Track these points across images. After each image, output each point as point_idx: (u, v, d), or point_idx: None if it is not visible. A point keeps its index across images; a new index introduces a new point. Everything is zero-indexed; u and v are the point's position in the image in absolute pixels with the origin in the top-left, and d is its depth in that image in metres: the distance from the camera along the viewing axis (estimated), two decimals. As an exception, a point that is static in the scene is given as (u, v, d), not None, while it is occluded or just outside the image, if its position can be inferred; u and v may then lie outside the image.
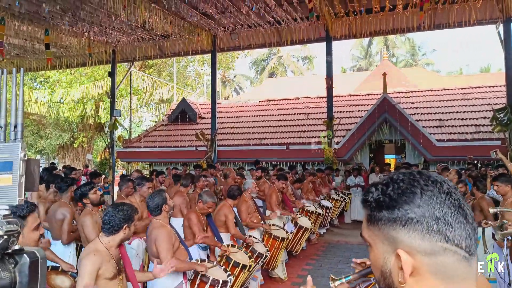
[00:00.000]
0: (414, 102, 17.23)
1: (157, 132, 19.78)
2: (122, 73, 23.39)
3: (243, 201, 7.10)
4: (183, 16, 13.82)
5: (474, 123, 14.81)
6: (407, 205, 0.91)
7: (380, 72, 17.81)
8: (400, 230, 0.91)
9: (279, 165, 14.61)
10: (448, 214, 0.89)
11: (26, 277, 1.04)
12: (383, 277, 0.97)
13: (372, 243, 0.99)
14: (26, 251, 1.07)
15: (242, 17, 14.08)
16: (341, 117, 16.18)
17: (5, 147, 1.11)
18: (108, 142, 18.38)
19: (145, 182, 6.44)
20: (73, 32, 15.20)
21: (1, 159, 1.10)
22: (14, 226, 1.05)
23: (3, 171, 1.09)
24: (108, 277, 3.36)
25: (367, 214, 1.00)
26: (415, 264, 0.90)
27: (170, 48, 17.52)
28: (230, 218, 6.18)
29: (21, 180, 1.09)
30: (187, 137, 18.35)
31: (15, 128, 1.14)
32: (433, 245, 0.88)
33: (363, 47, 44.87)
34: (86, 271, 3.23)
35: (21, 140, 1.13)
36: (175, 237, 4.50)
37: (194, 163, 15.51)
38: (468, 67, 54.67)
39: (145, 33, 16.03)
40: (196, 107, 20.59)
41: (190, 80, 36.08)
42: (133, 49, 18.05)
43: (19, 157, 1.09)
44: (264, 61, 46.12)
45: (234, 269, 5.20)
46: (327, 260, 8.97)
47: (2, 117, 1.14)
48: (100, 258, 3.32)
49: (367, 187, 1.11)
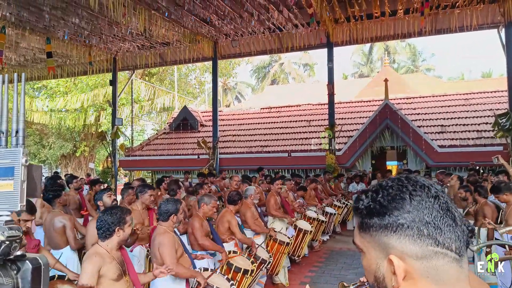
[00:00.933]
0: (416, 108, 17.19)
1: (159, 141, 19.78)
2: (123, 81, 23.46)
3: (247, 207, 7.14)
4: (183, 24, 13.85)
5: (476, 128, 14.76)
6: (397, 211, 0.93)
7: (381, 78, 17.81)
8: (392, 236, 0.93)
9: (281, 173, 14.60)
10: (438, 218, 0.91)
11: (28, 284, 1.03)
12: (377, 282, 0.98)
13: (364, 249, 1.01)
14: (28, 257, 1.05)
15: (242, 24, 14.10)
16: (342, 124, 16.15)
17: (6, 152, 1.11)
18: (110, 150, 18.39)
19: (147, 189, 6.41)
20: (73, 40, 15.26)
21: (3, 164, 1.09)
22: (16, 232, 1.03)
23: (5, 176, 1.08)
24: (112, 277, 3.42)
25: (358, 221, 1.01)
26: (407, 268, 0.91)
27: (171, 55, 17.54)
28: (233, 223, 6.20)
29: (23, 186, 1.08)
30: (189, 145, 18.35)
31: (16, 133, 1.14)
32: (424, 249, 0.90)
33: (364, 53, 44.96)
34: (86, 271, 3.32)
35: (23, 146, 1.13)
36: (178, 244, 4.52)
37: (196, 171, 15.53)
38: (470, 73, 54.70)
39: (146, 40, 16.07)
40: (198, 115, 20.60)
41: (191, 88, 36.18)
42: (134, 57, 18.09)
43: (21, 162, 1.09)
44: (266, 68, 46.27)
45: (236, 274, 5.23)
46: (330, 267, 8.91)
47: (3, 123, 1.14)
48: (101, 259, 3.39)
49: (357, 195, 1.11)
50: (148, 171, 19.80)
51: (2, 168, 1.09)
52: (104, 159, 26.95)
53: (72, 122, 26.44)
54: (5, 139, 1.14)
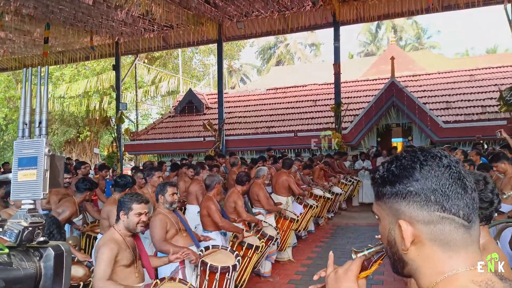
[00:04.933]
0: (422, 85, 17.17)
1: (164, 124, 19.86)
2: (127, 66, 23.40)
3: (260, 188, 7.30)
4: (187, 5, 13.74)
5: (481, 104, 14.76)
6: (407, 179, 0.99)
7: (388, 56, 17.67)
8: (401, 203, 0.99)
9: (287, 153, 14.65)
10: (446, 186, 0.96)
11: (51, 270, 1.04)
12: (389, 246, 1.06)
13: (380, 216, 1.08)
14: (51, 244, 1.08)
15: (247, 5, 13.96)
16: (348, 103, 16.11)
17: (30, 142, 1.14)
18: (115, 135, 18.42)
19: (154, 172, 6.56)
20: (74, 26, 15.12)
21: (27, 154, 1.12)
22: (39, 218, 1.06)
23: (28, 166, 1.11)
24: (125, 264, 3.48)
25: (375, 190, 1.09)
26: (415, 232, 0.98)
27: (174, 39, 17.22)
28: (239, 204, 6.29)
29: (46, 175, 1.11)
30: (194, 127, 18.41)
31: (39, 124, 1.17)
32: (431, 214, 0.96)
33: (370, 32, 44.49)
34: (104, 258, 3.34)
35: (46, 136, 1.16)
36: (171, 224, 4.64)
37: (203, 154, 15.62)
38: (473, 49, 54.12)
39: (149, 24, 15.84)
40: (203, 98, 20.61)
41: (196, 71, 36.06)
42: (137, 41, 17.76)
43: (44, 152, 1.11)
44: (271, 49, 45.93)
45: (248, 251, 5.37)
46: (337, 241, 9.09)
47: (27, 114, 1.17)
48: (117, 246, 3.45)
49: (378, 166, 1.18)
50: (154, 154, 19.90)
51: (26, 158, 1.12)
52: (108, 144, 27.08)
53: (76, 108, 26.43)
54: (28, 130, 1.16)
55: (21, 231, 1.01)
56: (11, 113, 28.51)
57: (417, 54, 30.85)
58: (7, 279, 0.93)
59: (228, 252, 4.94)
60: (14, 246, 1.02)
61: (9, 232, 1.01)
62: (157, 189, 4.85)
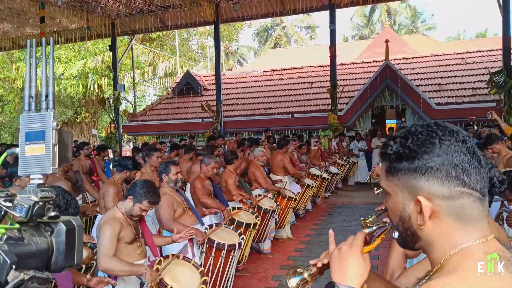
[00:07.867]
0: (415, 68, 17.50)
1: (162, 105, 19.99)
2: (123, 47, 23.33)
3: (257, 167, 7.47)
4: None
5: (471, 86, 15.20)
6: (427, 155, 0.98)
7: (382, 39, 17.95)
8: (420, 179, 0.99)
9: (285, 133, 14.93)
10: (465, 161, 0.97)
11: (62, 245, 1.03)
12: (401, 222, 1.06)
13: (391, 191, 1.07)
14: (62, 219, 1.05)
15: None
16: (344, 85, 16.41)
17: (37, 116, 1.11)
18: (114, 116, 18.43)
19: (153, 152, 6.58)
20: (69, 5, 14.78)
21: (34, 128, 1.09)
22: (49, 193, 1.02)
23: (36, 140, 1.08)
24: (127, 241, 3.56)
25: (386, 165, 1.06)
26: (434, 208, 0.98)
27: (171, 20, 17.07)
28: (229, 182, 6.42)
29: (54, 149, 1.08)
30: (192, 109, 18.57)
31: (46, 97, 1.15)
32: (452, 189, 0.96)
33: (364, 15, 44.52)
34: (107, 235, 3.39)
35: (53, 110, 1.14)
36: (177, 204, 4.74)
37: (201, 134, 15.87)
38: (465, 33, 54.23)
39: (145, 3, 15.49)
40: (201, 79, 20.77)
41: (193, 53, 36.01)
42: (133, 21, 17.39)
43: (51, 126, 1.09)
44: (268, 31, 45.89)
45: (239, 228, 5.33)
46: (334, 219, 9.41)
47: (33, 87, 1.15)
48: (119, 223, 3.49)
49: (379, 145, 1.25)
50: (152, 135, 20.07)
51: (33, 132, 1.09)
52: (106, 125, 27.07)
53: (72, 88, 26.35)
54: (35, 104, 1.14)
55: (32, 206, 0.97)
56: (6, 94, 28.36)
57: (411, 37, 31.11)
58: (19, 253, 0.91)
59: (231, 230, 5.05)
60: (24, 222, 0.99)
61: (19, 207, 0.96)
62: (160, 168, 4.92)
